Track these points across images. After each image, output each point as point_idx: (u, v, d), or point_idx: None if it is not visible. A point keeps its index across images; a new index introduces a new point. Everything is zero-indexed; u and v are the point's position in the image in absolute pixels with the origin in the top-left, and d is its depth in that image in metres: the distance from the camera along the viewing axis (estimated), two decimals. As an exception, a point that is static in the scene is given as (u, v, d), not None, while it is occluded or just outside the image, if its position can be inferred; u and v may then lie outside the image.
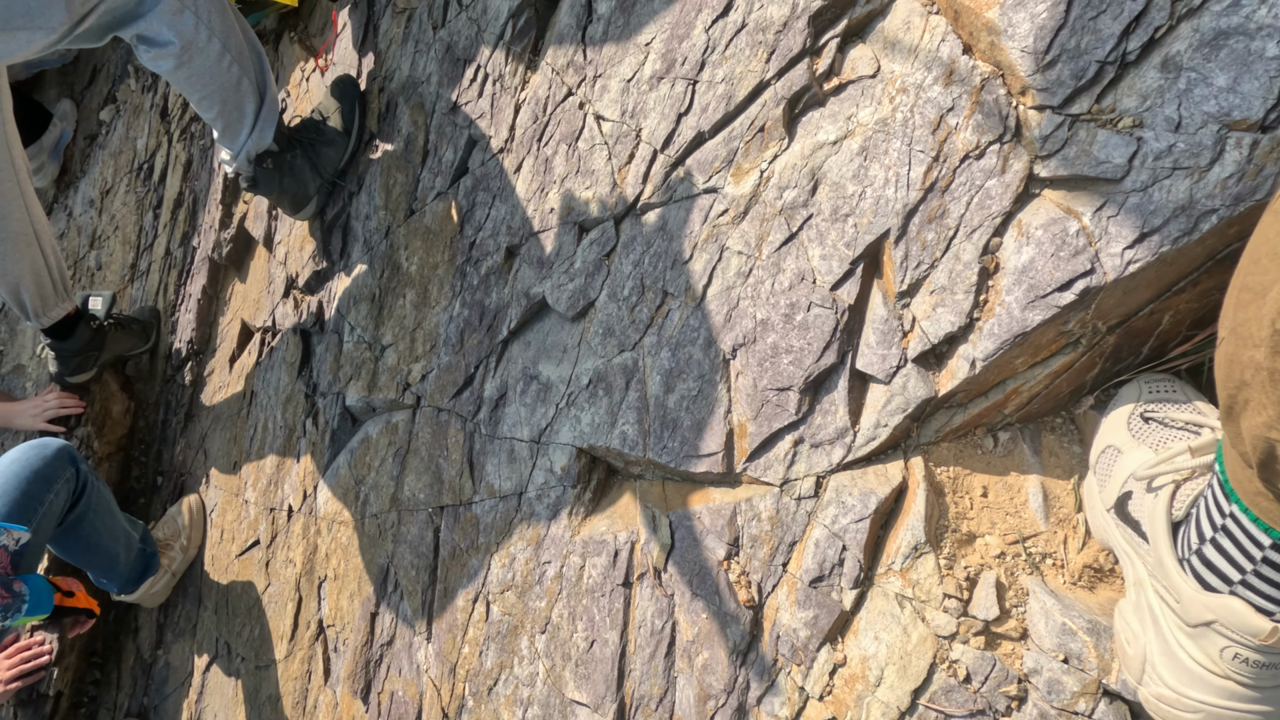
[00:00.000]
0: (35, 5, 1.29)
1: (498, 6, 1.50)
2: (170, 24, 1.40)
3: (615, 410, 1.18)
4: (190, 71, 1.46)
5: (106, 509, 1.87)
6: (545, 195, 1.35)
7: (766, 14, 1.08)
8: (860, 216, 0.96)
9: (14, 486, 1.62)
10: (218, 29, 1.44)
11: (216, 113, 1.55)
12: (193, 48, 1.43)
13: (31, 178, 1.86)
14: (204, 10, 1.42)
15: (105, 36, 1.43)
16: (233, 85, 1.51)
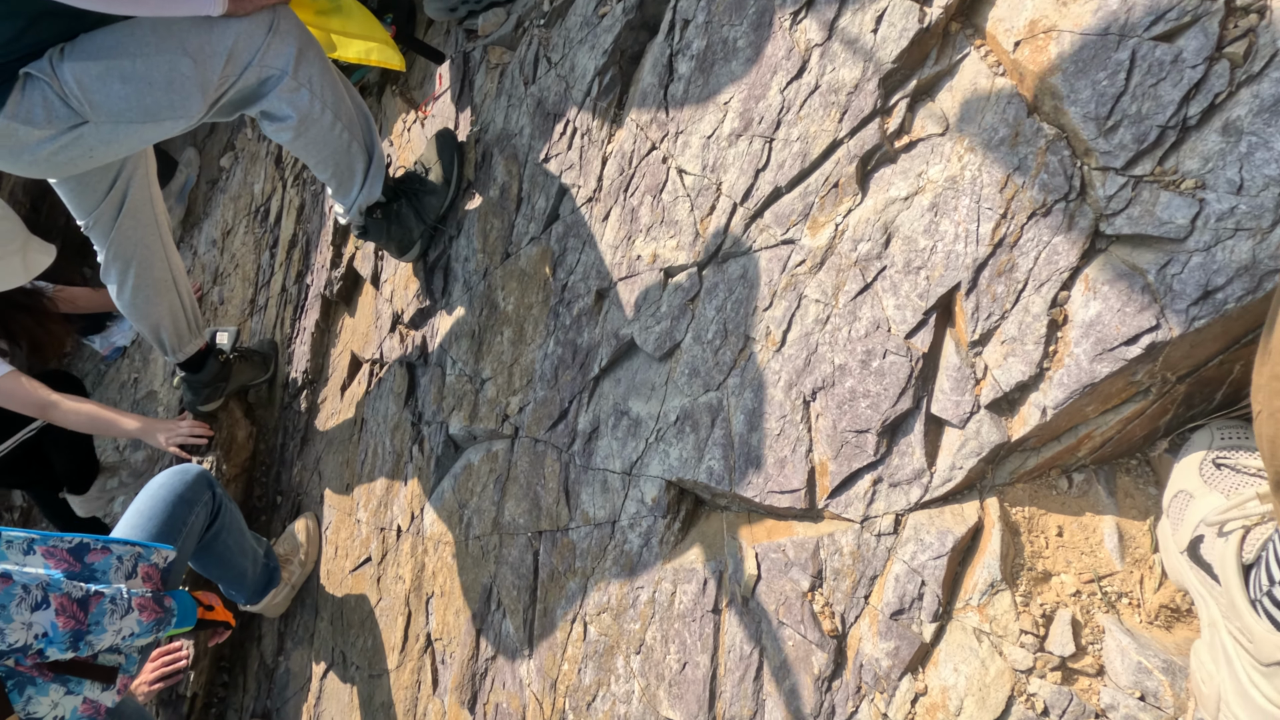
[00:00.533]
0: (178, 98, 1.46)
1: (584, 64, 1.61)
2: (289, 100, 1.55)
3: (702, 446, 1.26)
4: (306, 141, 1.61)
5: (237, 528, 2.06)
6: (632, 243, 1.45)
7: (838, 76, 1.15)
8: (932, 269, 1.02)
9: (161, 510, 1.81)
10: (329, 102, 1.59)
11: (330, 174, 1.70)
12: (308, 120, 1.58)
13: (170, 220, 2.08)
14: (317, 86, 1.57)
15: (235, 114, 1.60)
16: (343, 150, 1.66)
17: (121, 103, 1.43)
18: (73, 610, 1.35)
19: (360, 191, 1.75)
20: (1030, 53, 0.98)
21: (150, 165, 1.91)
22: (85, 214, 1.89)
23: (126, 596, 1.45)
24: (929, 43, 1.09)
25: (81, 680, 1.46)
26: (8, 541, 1.40)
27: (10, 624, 1.27)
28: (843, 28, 1.16)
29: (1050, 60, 0.95)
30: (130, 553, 1.57)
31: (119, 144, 1.50)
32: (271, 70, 1.52)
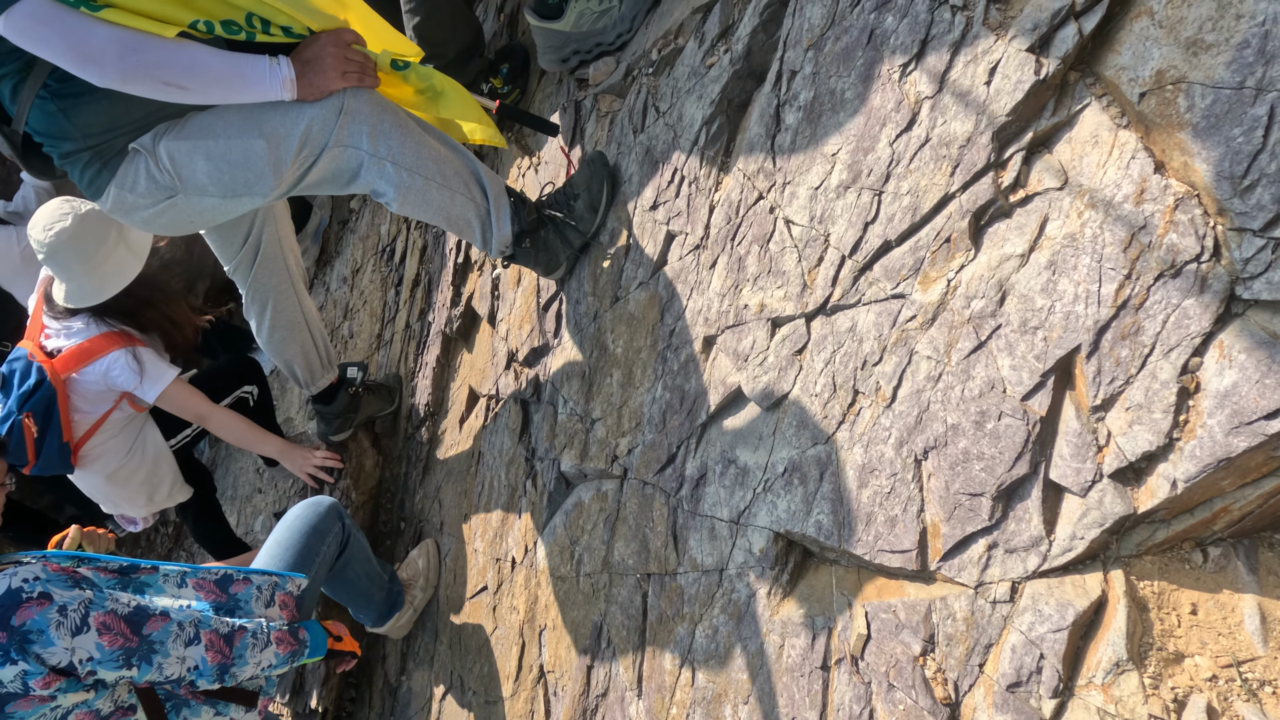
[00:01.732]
0: (252, 177, 1.60)
1: (692, 113, 1.64)
2: (379, 175, 1.65)
3: (810, 500, 1.26)
4: (410, 207, 1.71)
5: (364, 556, 2.18)
6: (739, 291, 1.46)
7: (950, 129, 1.14)
8: (1050, 330, 0.99)
9: (296, 541, 1.94)
10: (415, 167, 1.67)
11: (448, 227, 1.79)
12: (401, 188, 1.67)
13: (302, 268, 2.24)
14: (399, 156, 1.65)
15: (337, 190, 1.71)
16: (448, 204, 1.73)
17: (204, 179, 1.58)
18: (220, 646, 1.47)
19: (492, 234, 1.81)
20: (1157, 105, 0.94)
21: (281, 220, 2.07)
22: (228, 260, 2.08)
23: (266, 631, 1.56)
24: (1045, 94, 1.06)
25: (228, 704, 1.59)
26: (164, 575, 1.54)
27: (168, 658, 1.40)
28: (954, 80, 1.15)
29: (1179, 114, 0.91)
30: (268, 582, 1.69)
31: (208, 215, 1.66)
32: (348, 151, 1.61)
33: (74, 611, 1.30)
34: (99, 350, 2.28)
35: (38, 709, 1.30)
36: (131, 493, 2.54)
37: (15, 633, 1.25)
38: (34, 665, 1.26)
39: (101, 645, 1.32)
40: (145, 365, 2.29)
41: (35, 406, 2.27)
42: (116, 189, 1.58)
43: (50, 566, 1.33)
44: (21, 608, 1.26)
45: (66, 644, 1.28)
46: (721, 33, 1.62)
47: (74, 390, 2.31)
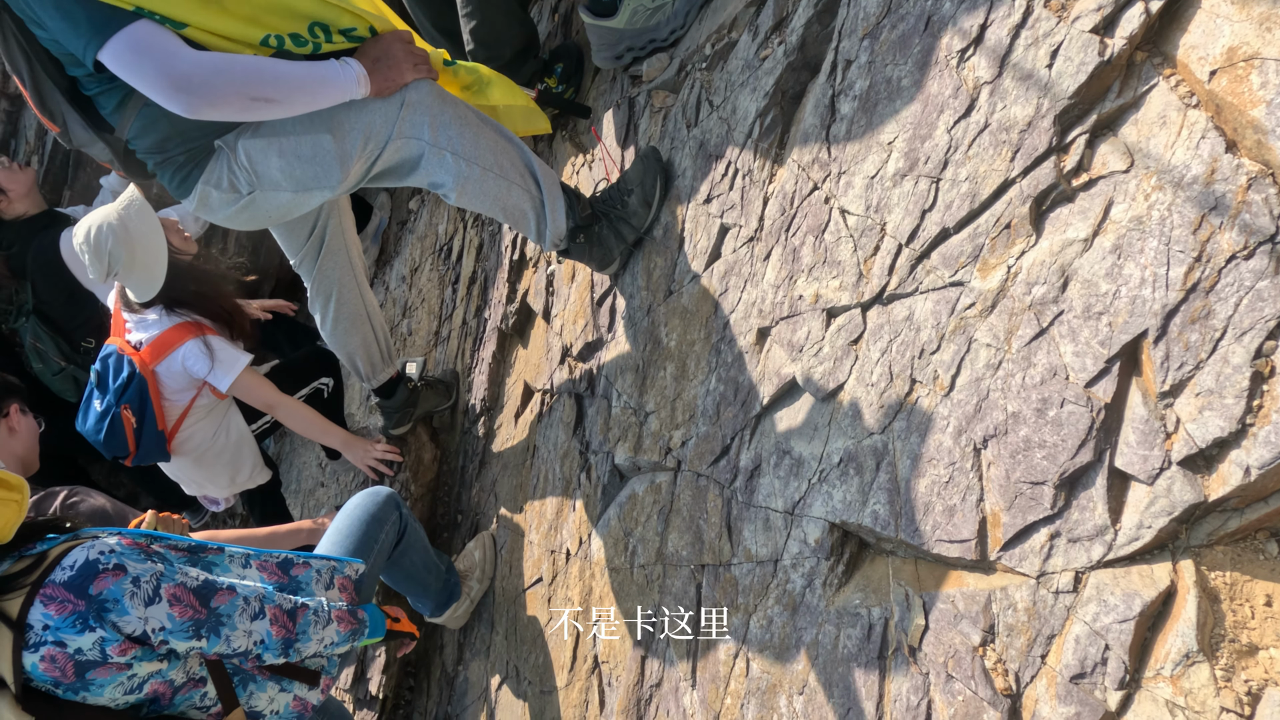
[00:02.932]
0: (320, 171, 1.66)
1: (746, 106, 1.64)
2: (438, 166, 1.70)
3: (866, 490, 1.25)
4: (469, 198, 1.75)
5: (421, 545, 2.23)
6: (794, 282, 1.46)
7: (1010, 114, 1.12)
8: (1115, 315, 0.97)
9: (355, 528, 2.00)
10: (474, 157, 1.71)
11: (504, 219, 1.83)
12: (460, 178, 1.71)
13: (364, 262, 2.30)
14: (458, 146, 1.69)
15: (399, 182, 1.76)
16: (505, 195, 1.77)
17: (278, 174, 1.65)
18: (284, 621, 1.52)
19: (546, 226, 1.84)
20: (1228, 83, 0.92)
21: (344, 213, 2.13)
22: (293, 255, 2.15)
23: (327, 609, 1.61)
24: (1110, 75, 1.04)
25: (292, 681, 1.64)
26: (230, 556, 1.60)
27: (235, 631, 1.45)
28: (1014, 63, 1.13)
29: (1252, 91, 0.89)
30: (327, 567, 1.74)
31: (282, 210, 1.73)
32: (410, 142, 1.67)
33: (147, 583, 1.36)
34: (174, 341, 2.38)
35: (115, 677, 1.36)
36: (216, 474, 2.64)
37: (93, 601, 1.31)
38: (110, 633, 1.32)
39: (172, 616, 1.38)
40: (217, 353, 2.38)
41: (131, 398, 2.37)
42: (203, 185, 1.65)
43: (125, 541, 1.39)
44: (99, 578, 1.32)
45: (140, 613, 1.34)
46: (775, 25, 1.62)
47: (160, 382, 2.41)
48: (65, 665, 1.31)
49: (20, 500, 1.32)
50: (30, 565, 1.33)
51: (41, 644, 1.29)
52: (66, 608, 1.30)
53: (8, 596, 1.31)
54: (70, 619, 1.30)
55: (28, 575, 1.31)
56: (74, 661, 1.31)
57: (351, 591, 1.80)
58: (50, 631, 1.30)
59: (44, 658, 1.30)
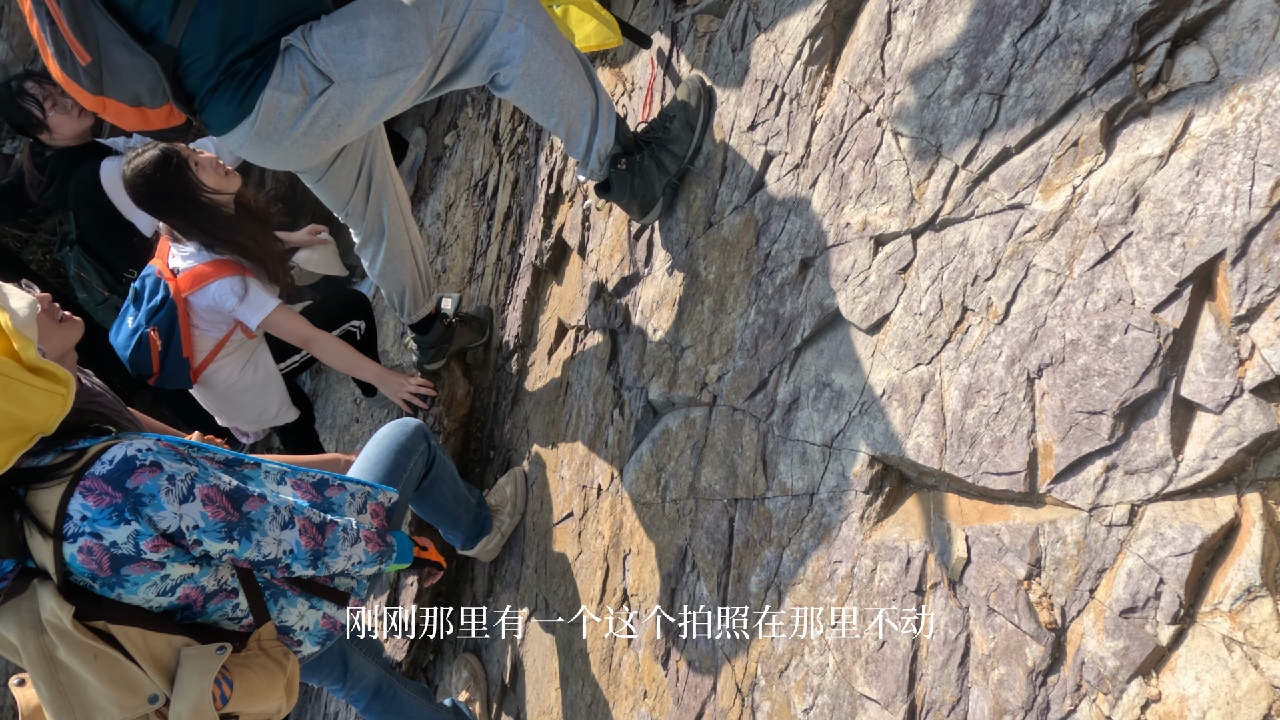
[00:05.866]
0: (407, 46, 1.58)
1: (795, 28, 1.57)
2: (508, 39, 1.63)
3: (909, 422, 1.21)
4: (531, 81, 1.66)
5: (451, 478, 2.24)
6: (841, 210, 1.41)
7: (1083, 23, 1.05)
8: (1190, 235, 0.91)
9: (385, 457, 2.01)
10: (547, 34, 1.64)
11: (558, 118, 1.74)
12: (529, 54, 1.64)
13: (407, 197, 2.27)
14: (533, 20, 1.63)
15: (463, 72, 1.67)
16: (569, 84, 1.70)
17: (360, 57, 1.56)
18: (313, 533, 1.54)
19: (596, 134, 1.76)
20: (1331, -18, 0.84)
21: (386, 152, 2.10)
22: (340, 207, 2.10)
23: (356, 529, 1.63)
24: (1197, -21, 0.96)
25: (321, 599, 1.67)
26: (266, 471, 1.61)
27: (265, 538, 1.47)
28: (1090, -31, 1.06)
29: (1358, -11, 0.82)
30: (361, 491, 1.75)
31: (361, 104, 1.62)
32: (486, 12, 1.61)
33: (181, 481, 1.38)
34: (210, 275, 2.39)
35: (149, 575, 1.38)
36: (243, 409, 2.67)
37: (129, 495, 1.33)
38: (145, 527, 1.34)
39: (206, 515, 1.39)
40: (250, 292, 2.39)
41: (160, 322, 2.40)
42: (271, 91, 1.55)
43: (162, 444, 1.41)
44: (136, 473, 1.34)
45: (175, 509, 1.36)
46: (830, -60, 1.54)
47: (192, 310, 2.43)
48: (101, 558, 1.33)
49: (66, 395, 1.33)
50: (71, 459, 1.35)
51: (79, 535, 1.32)
52: (104, 500, 1.32)
53: (46, 486, 1.33)
54: (107, 511, 1.32)
55: (68, 467, 1.33)
56: (109, 555, 1.33)
57: (383, 517, 1.81)
58: (87, 523, 1.32)
59: (81, 549, 1.32)
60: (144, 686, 1.42)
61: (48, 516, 1.33)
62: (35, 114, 2.93)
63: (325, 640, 1.72)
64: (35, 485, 1.34)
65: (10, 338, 1.31)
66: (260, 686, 1.56)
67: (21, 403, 1.29)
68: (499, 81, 1.70)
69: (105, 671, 1.37)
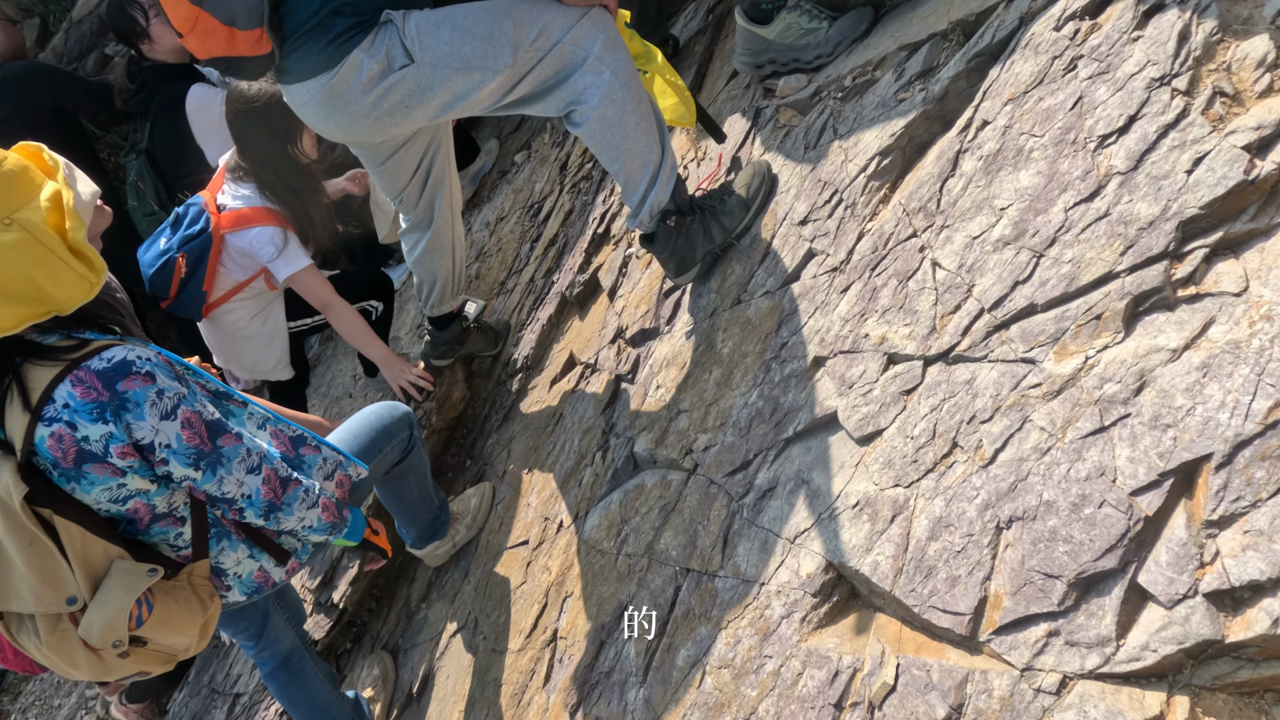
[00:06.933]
0: (492, 51, 1.64)
1: (869, 142, 1.63)
2: (592, 81, 1.69)
3: (874, 538, 1.22)
4: (605, 123, 1.72)
5: (422, 473, 2.24)
6: (864, 320, 1.44)
7: (1134, 209, 1.09)
8: (1183, 431, 0.93)
9: (366, 433, 2.02)
10: (629, 84, 1.71)
11: (621, 165, 1.79)
12: (607, 99, 1.69)
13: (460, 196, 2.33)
14: (619, 69, 1.69)
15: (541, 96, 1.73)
16: (638, 135, 1.75)
17: (445, 47, 1.62)
18: (275, 485, 1.55)
19: (653, 189, 1.81)
20: (1370, 233, 0.88)
21: (450, 150, 2.16)
22: (395, 193, 2.15)
23: (318, 493, 1.63)
24: (1249, 196, 1.00)
25: (263, 551, 1.66)
26: (250, 413, 1.63)
27: (230, 476, 1.48)
28: (1152, 161, 1.10)
29: (1393, 246, 0.85)
30: (334, 458, 1.76)
31: (433, 92, 1.66)
32: (578, 50, 1.67)
33: (169, 398, 1.39)
34: (255, 220, 2.45)
35: (107, 479, 1.39)
36: (242, 356, 2.70)
37: (116, 396, 1.35)
38: (120, 432, 1.35)
39: (181, 437, 1.41)
40: (288, 246, 2.45)
41: (192, 250, 2.45)
42: (359, 53, 1.59)
43: (162, 359, 1.43)
44: (129, 378, 1.36)
45: (154, 423, 1.37)
46: (922, 72, 1.61)
47: (225, 249, 2.48)
48: (69, 449, 1.34)
49: (94, 284, 1.35)
50: (74, 346, 1.37)
51: (56, 420, 1.33)
52: (91, 395, 1.33)
53: (42, 364, 1.35)
54: (90, 406, 1.33)
55: (69, 353, 1.36)
56: (77, 448, 1.34)
57: (347, 490, 1.82)
58: (68, 411, 1.33)
59: (53, 434, 1.33)
60: (67, 585, 1.41)
61: (34, 393, 1.35)
62: (139, 22, 3.04)
63: (254, 593, 1.71)
64: (33, 359, 1.37)
65: (66, 215, 1.35)
66: (178, 619, 1.54)
67: (51, 277, 1.32)
68: (574, 118, 1.76)
69: (36, 561, 1.37)
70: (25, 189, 1.34)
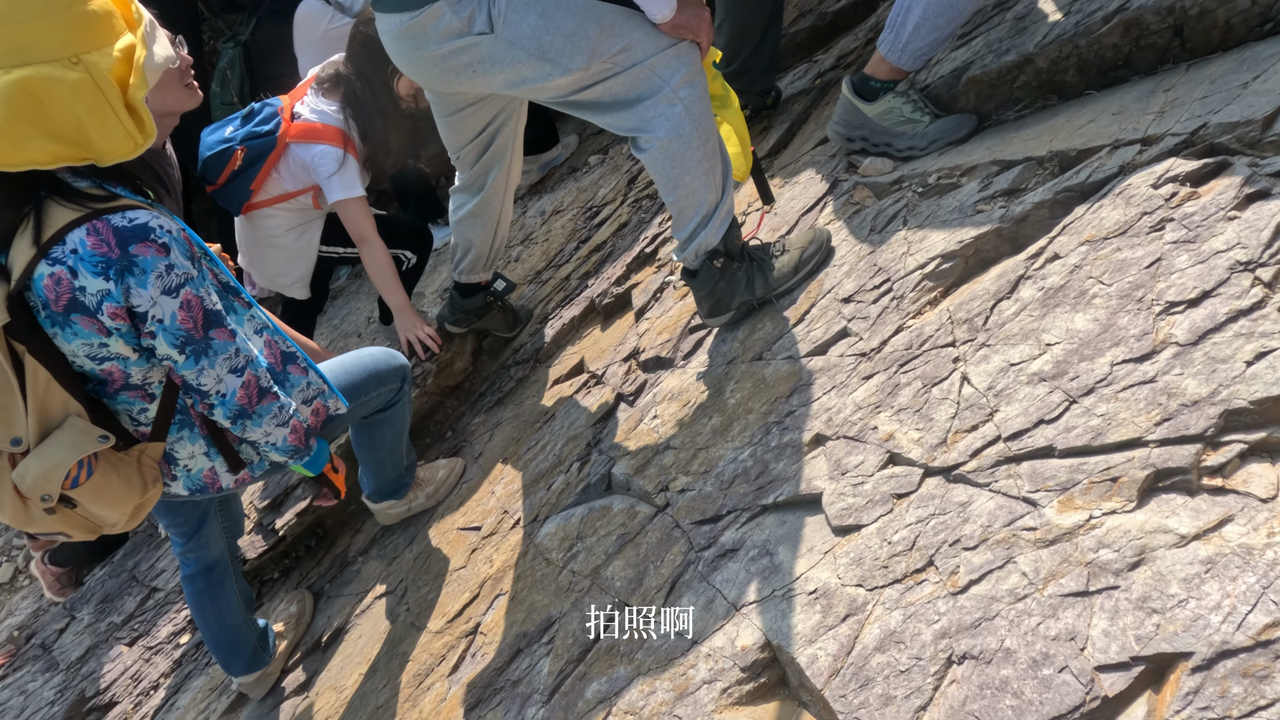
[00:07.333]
0: (569, 49, 1.61)
1: (935, 242, 1.60)
2: (664, 112, 1.67)
3: (821, 631, 1.17)
4: (667, 155, 1.70)
5: (400, 429, 2.20)
6: (877, 412, 1.40)
7: (1182, 383, 1.04)
8: (1169, 621, 0.87)
9: (358, 372, 1.98)
10: (700, 123, 1.68)
11: (676, 198, 1.78)
12: (674, 134, 1.68)
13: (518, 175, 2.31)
14: (692, 106, 1.67)
15: (604, 108, 1.71)
16: (698, 174, 1.73)
17: (527, 29, 1.60)
18: (253, 392, 1.51)
19: (703, 229, 1.79)
20: None
21: (519, 129, 2.14)
22: (455, 149, 2.13)
23: (291, 413, 1.60)
24: (1303, 410, 0.96)
25: (219, 454, 1.63)
26: (251, 316, 1.60)
27: (211, 370, 1.45)
28: (1215, 342, 1.06)
29: None
30: (318, 385, 1.73)
31: (500, 66, 1.65)
32: (656, 77, 1.65)
33: (176, 275, 1.37)
34: (324, 136, 2.45)
35: (90, 335, 1.37)
36: (265, 262, 2.69)
37: (126, 257, 1.32)
38: (118, 293, 1.33)
39: (175, 316, 1.38)
40: (346, 170, 2.45)
41: (253, 147, 2.45)
42: (444, 4, 1.59)
43: (183, 235, 1.41)
44: (144, 243, 1.34)
45: (154, 295, 1.35)
46: (1008, 190, 1.58)
47: (286, 156, 2.48)
48: (63, 294, 1.32)
49: (138, 145, 1.33)
50: (103, 197, 1.35)
51: (59, 262, 1.31)
52: (101, 248, 1.31)
53: (66, 205, 1.33)
54: (98, 259, 1.31)
55: (94, 201, 1.34)
56: (71, 295, 1.32)
57: (322, 419, 1.78)
58: (74, 257, 1.31)
59: (53, 275, 1.31)
60: (17, 425, 1.38)
61: (47, 230, 1.33)
62: None
63: (198, 491, 1.67)
64: (58, 198, 1.35)
65: (133, 70, 1.34)
66: (114, 492, 1.51)
67: (100, 125, 1.31)
68: (639, 143, 1.74)
69: None
70: (102, 33, 1.33)
